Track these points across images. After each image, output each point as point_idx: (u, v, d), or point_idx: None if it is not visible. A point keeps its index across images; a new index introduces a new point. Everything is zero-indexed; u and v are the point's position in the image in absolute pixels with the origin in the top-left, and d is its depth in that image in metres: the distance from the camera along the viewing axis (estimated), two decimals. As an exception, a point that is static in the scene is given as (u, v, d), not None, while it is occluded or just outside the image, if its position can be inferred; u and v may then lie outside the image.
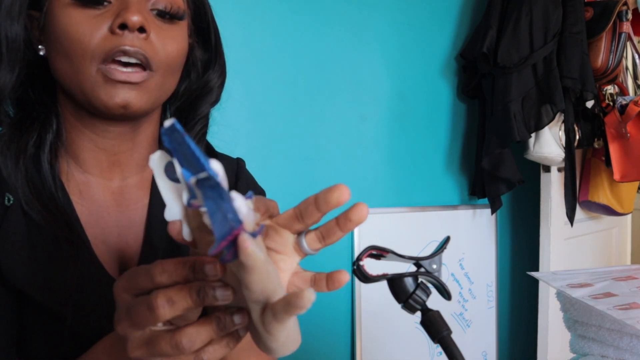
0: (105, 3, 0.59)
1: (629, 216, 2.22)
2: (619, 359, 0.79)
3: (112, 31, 0.57)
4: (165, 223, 0.61)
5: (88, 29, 0.57)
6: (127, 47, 0.57)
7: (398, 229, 1.63)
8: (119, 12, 0.58)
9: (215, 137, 0.77)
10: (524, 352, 1.97)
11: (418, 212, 1.68)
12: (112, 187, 0.66)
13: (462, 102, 1.82)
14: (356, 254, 1.51)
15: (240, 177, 0.77)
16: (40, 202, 0.59)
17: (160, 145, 0.72)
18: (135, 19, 0.57)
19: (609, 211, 1.91)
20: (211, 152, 0.76)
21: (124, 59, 0.58)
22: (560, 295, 0.87)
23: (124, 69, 0.58)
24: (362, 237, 1.55)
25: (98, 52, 0.57)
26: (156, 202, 0.68)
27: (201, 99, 0.72)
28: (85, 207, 0.64)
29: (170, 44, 0.62)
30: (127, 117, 0.61)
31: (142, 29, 0.58)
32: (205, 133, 0.74)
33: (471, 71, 1.74)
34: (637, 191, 2.00)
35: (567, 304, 0.86)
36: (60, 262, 0.59)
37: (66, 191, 0.63)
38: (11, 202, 0.59)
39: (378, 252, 0.61)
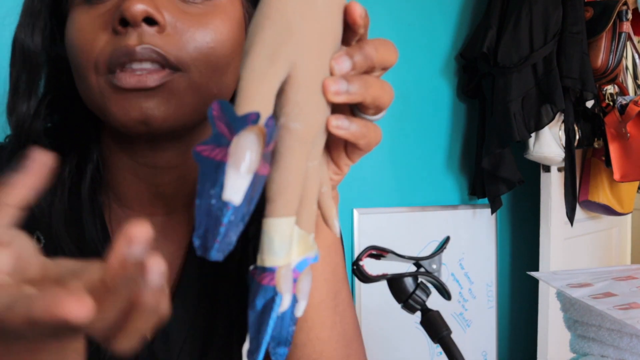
0: None
1: (629, 216, 2.22)
2: (619, 359, 0.79)
3: (115, 31, 0.43)
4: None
5: (90, 34, 0.44)
6: (130, 47, 0.42)
7: (398, 229, 1.63)
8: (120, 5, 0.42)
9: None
10: (524, 352, 1.97)
11: (418, 212, 1.68)
12: (155, 224, 0.52)
13: (462, 102, 1.81)
14: (356, 254, 1.51)
15: None
16: (75, 243, 0.49)
17: None
18: (137, 8, 0.41)
19: (609, 211, 1.91)
20: None
21: (135, 65, 0.43)
22: (560, 295, 0.87)
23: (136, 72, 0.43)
24: (362, 237, 1.54)
25: (101, 60, 0.43)
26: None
27: None
28: None
29: (201, 31, 0.45)
30: (154, 135, 0.47)
31: (149, 20, 0.42)
32: None
33: (471, 71, 1.74)
34: (637, 191, 1.99)
35: (567, 304, 0.86)
36: None
37: (107, 228, 0.52)
38: (42, 242, 0.49)
39: (378, 252, 0.60)
